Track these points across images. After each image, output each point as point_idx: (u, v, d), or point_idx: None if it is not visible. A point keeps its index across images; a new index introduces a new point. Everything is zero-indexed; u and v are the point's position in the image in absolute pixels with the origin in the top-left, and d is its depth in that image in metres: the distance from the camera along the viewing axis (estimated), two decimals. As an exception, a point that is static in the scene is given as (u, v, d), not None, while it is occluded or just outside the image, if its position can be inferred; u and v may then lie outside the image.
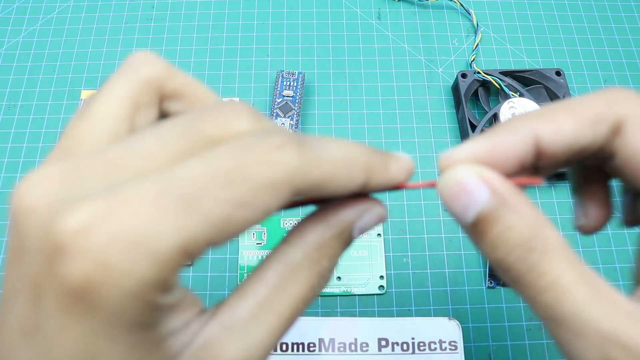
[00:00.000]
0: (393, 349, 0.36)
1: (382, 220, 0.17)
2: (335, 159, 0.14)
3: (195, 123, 0.13)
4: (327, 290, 0.38)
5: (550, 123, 0.15)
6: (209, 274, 0.39)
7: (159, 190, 0.11)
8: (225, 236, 0.12)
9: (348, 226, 0.16)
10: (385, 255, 0.39)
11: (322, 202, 0.17)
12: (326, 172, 0.14)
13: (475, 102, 0.47)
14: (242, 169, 0.12)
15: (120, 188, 0.11)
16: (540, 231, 0.14)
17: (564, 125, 0.15)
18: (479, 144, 0.15)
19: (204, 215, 0.12)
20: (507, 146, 0.15)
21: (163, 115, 0.17)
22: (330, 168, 0.14)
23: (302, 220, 0.16)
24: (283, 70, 0.46)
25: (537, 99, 0.44)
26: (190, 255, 0.12)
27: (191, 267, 0.39)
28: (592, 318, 0.13)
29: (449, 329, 0.37)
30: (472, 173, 0.14)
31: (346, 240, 0.16)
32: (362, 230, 0.16)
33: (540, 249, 0.14)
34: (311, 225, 0.15)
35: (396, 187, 0.16)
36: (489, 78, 0.44)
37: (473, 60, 0.47)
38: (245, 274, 0.39)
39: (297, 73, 0.46)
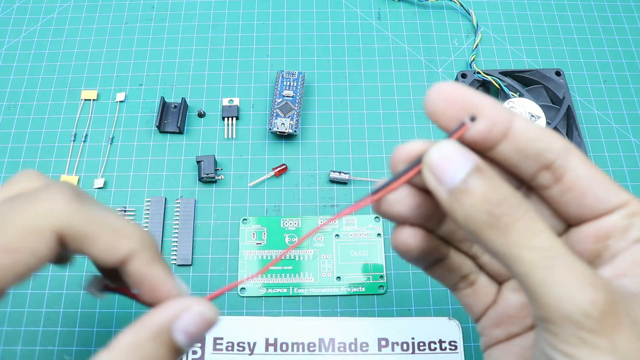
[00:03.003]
0: (393, 349, 0.36)
1: (210, 321, 0.16)
2: (104, 222, 0.16)
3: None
4: (327, 290, 0.38)
5: (523, 119, 0.16)
6: (209, 274, 0.39)
7: None
8: (2, 282, 0.14)
9: (164, 327, 0.16)
10: (385, 255, 0.39)
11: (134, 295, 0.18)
12: (90, 229, 0.15)
13: (475, 102, 0.47)
14: (7, 217, 0.14)
15: None
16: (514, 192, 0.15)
17: (534, 125, 0.16)
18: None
19: None
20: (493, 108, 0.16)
21: None
22: (96, 227, 0.15)
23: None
24: (283, 70, 0.46)
25: (537, 99, 0.44)
26: None
27: (191, 267, 0.39)
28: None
29: (449, 329, 0.37)
30: (454, 143, 0.15)
31: (167, 343, 0.16)
32: (189, 334, 0.16)
33: (523, 201, 0.15)
34: (129, 329, 0.16)
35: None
36: (489, 78, 0.44)
37: (473, 60, 0.47)
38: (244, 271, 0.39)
39: (297, 73, 0.46)
